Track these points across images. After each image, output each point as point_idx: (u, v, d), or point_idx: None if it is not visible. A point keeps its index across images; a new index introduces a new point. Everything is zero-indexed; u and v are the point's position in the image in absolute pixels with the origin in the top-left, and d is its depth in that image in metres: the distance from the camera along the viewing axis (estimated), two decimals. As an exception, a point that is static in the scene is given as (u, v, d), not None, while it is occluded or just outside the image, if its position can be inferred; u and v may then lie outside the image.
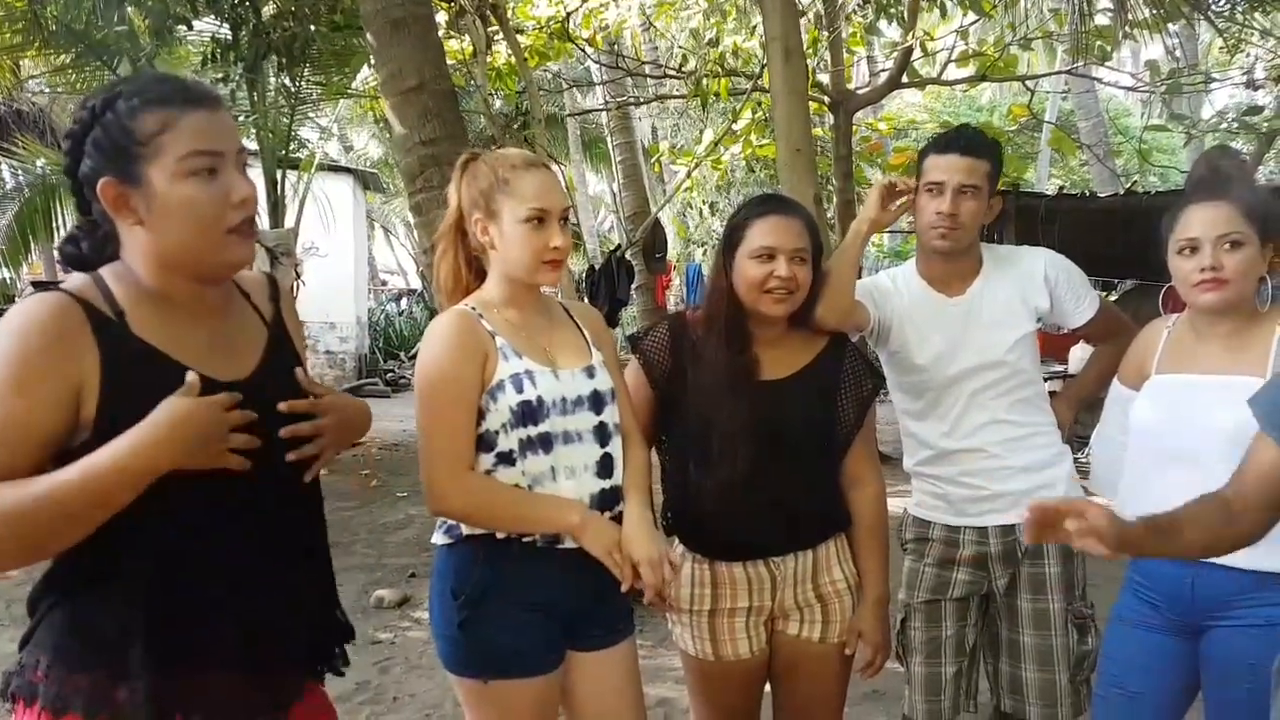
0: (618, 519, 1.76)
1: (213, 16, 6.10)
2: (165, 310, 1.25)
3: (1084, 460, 2.35)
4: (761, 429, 1.92)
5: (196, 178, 1.20)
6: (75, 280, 1.24)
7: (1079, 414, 2.38)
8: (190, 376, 1.16)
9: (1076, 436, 2.36)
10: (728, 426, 1.91)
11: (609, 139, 10.06)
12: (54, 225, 10.95)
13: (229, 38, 5.93)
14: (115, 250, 1.28)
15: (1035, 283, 2.19)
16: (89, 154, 1.22)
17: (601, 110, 10.21)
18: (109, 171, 1.20)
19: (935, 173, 2.10)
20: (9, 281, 12.77)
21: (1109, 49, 7.23)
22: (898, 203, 2.17)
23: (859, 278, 2.17)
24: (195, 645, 1.23)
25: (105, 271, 1.26)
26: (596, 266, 9.20)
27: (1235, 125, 6.90)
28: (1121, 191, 8.80)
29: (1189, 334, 1.95)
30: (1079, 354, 7.45)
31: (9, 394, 1.13)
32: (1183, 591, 1.84)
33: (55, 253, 1.37)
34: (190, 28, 6.07)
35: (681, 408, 2.00)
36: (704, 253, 15.70)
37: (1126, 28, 6.96)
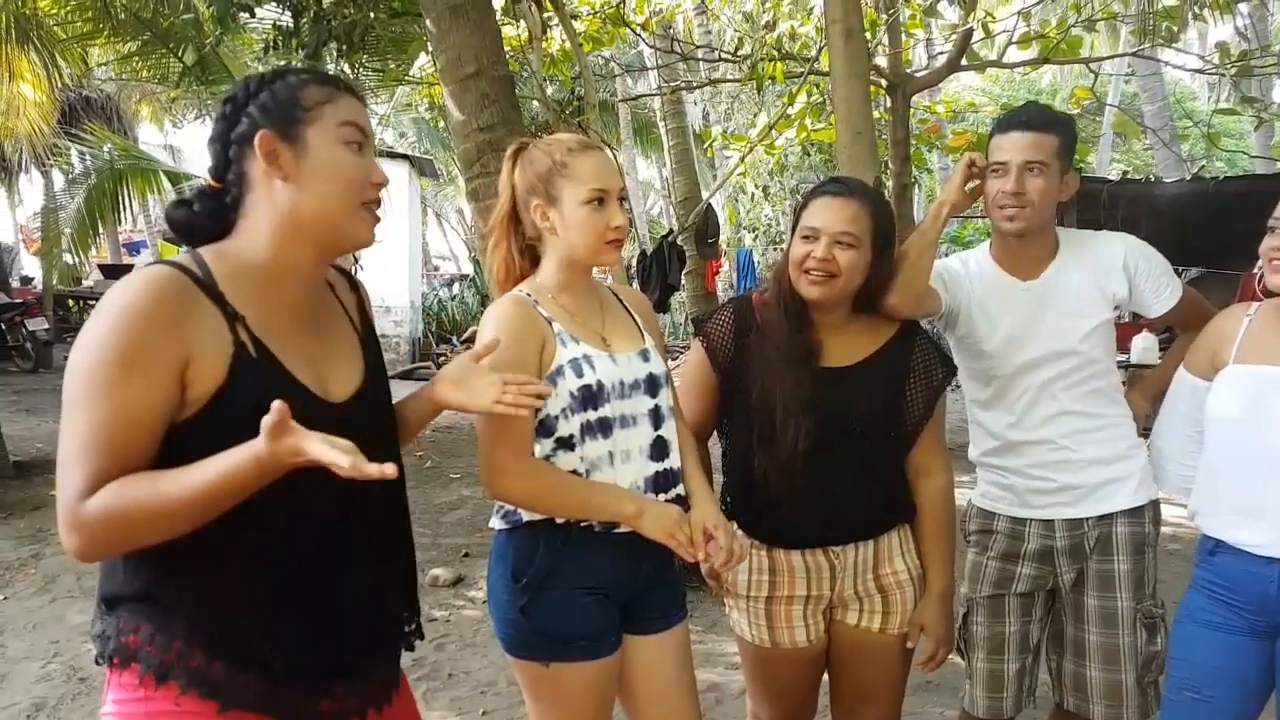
0: (674, 502, 1.77)
1: (275, 4, 6.19)
2: (264, 300, 1.27)
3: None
4: (824, 415, 1.90)
5: (348, 147, 1.30)
6: (179, 259, 1.26)
7: (1154, 406, 2.31)
8: (276, 405, 1.08)
9: (1142, 430, 2.30)
10: (789, 402, 1.89)
11: (661, 124, 10.01)
12: (120, 209, 11.25)
13: (290, 25, 6.01)
14: (229, 224, 1.31)
15: (1114, 270, 2.11)
16: (250, 115, 1.29)
17: (654, 95, 10.16)
18: (269, 126, 1.28)
19: (999, 153, 2.04)
20: (77, 264, 13.15)
21: (1176, 30, 6.99)
22: (971, 184, 2.10)
23: None
24: (295, 638, 1.27)
25: (205, 252, 1.28)
26: (648, 251, 9.18)
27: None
28: (1188, 177, 8.54)
29: (1274, 323, 1.88)
30: (1141, 344, 7.27)
31: (126, 375, 1.13)
32: (1265, 590, 1.79)
33: (164, 219, 1.41)
34: (253, 15, 6.16)
35: (744, 389, 1.99)
36: (755, 238, 15.59)
37: (1195, 8, 6.73)
